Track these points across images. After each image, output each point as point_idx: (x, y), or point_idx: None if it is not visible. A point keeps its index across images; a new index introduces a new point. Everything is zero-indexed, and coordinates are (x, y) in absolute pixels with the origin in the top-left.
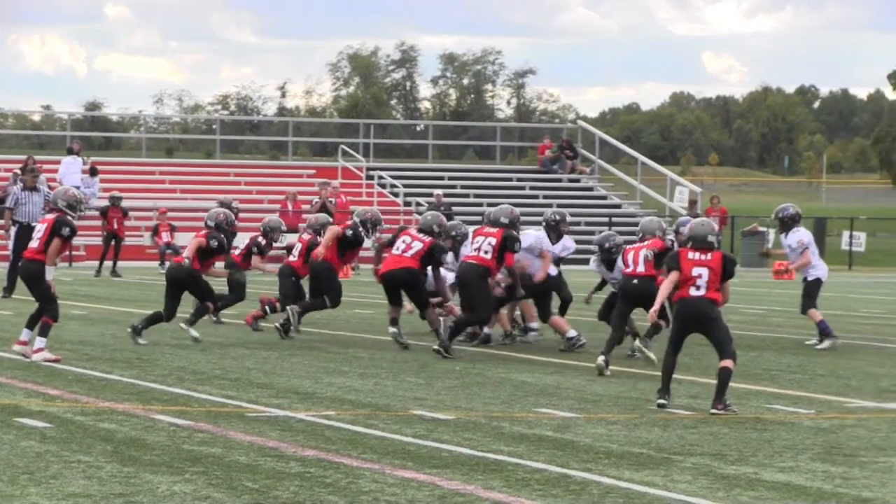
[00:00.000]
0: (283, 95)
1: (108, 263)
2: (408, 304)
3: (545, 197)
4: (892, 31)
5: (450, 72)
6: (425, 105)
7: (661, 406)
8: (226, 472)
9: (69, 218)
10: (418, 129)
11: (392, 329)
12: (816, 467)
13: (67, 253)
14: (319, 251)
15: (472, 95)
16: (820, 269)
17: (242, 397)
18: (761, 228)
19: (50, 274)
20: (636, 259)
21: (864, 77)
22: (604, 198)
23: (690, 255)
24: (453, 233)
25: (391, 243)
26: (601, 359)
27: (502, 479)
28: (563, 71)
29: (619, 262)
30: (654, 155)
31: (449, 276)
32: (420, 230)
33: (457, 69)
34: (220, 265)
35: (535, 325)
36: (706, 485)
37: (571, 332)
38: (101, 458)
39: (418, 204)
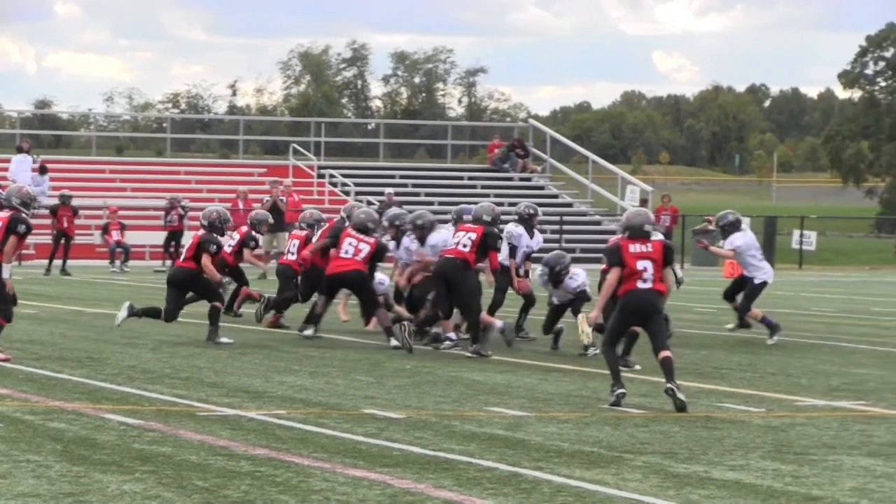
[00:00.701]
0: (234, 94)
1: (57, 262)
2: (343, 315)
3: (496, 196)
4: (842, 30)
5: (401, 70)
6: (376, 103)
7: (622, 395)
8: (176, 472)
9: (24, 215)
10: (369, 127)
11: (309, 330)
12: (766, 465)
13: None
14: (307, 254)
15: (424, 94)
16: (766, 271)
17: (193, 396)
18: (711, 227)
19: (6, 272)
20: None
21: (814, 76)
22: (555, 196)
23: (632, 247)
24: (397, 222)
25: (335, 245)
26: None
27: (453, 477)
28: (515, 70)
29: (567, 281)
30: (605, 154)
31: (384, 281)
32: (357, 230)
33: (408, 68)
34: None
35: (452, 335)
36: (657, 483)
37: (499, 324)
38: (50, 458)
39: (370, 203)
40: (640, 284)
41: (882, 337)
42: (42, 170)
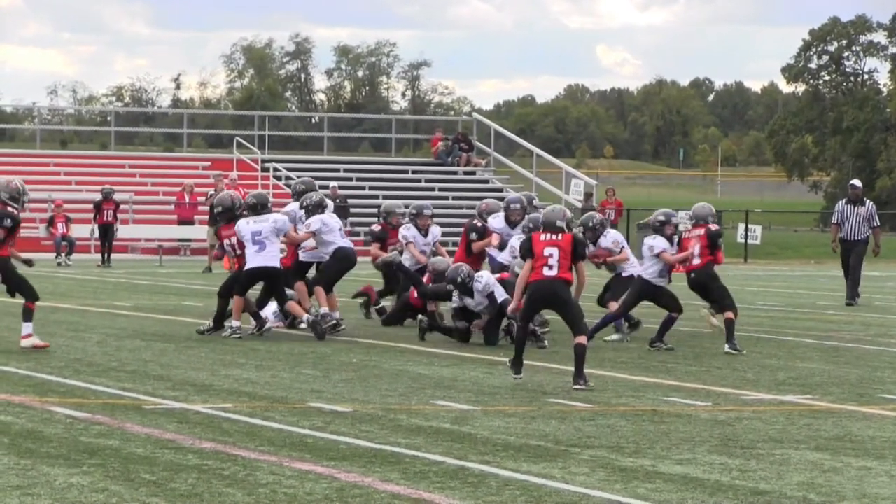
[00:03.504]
0: (178, 87)
1: None
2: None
3: (441, 189)
4: (785, 24)
5: (344, 64)
6: (320, 97)
7: (516, 370)
8: (123, 465)
9: (10, 209)
10: (313, 121)
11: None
12: (714, 460)
13: None
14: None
15: (367, 87)
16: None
17: (139, 389)
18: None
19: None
20: (692, 251)
21: (758, 70)
22: (499, 190)
23: (542, 236)
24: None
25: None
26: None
27: (400, 471)
28: (458, 63)
29: (475, 285)
30: (549, 147)
31: None
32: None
33: (351, 61)
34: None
35: (236, 323)
36: (604, 477)
37: (306, 317)
38: None
39: None
40: (546, 272)
41: (827, 331)
42: None
